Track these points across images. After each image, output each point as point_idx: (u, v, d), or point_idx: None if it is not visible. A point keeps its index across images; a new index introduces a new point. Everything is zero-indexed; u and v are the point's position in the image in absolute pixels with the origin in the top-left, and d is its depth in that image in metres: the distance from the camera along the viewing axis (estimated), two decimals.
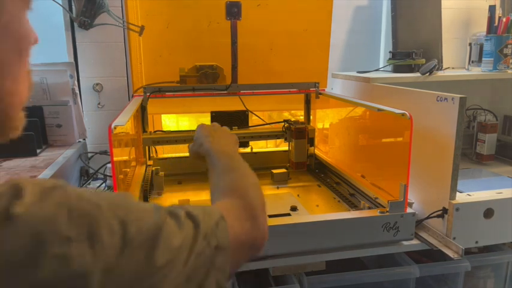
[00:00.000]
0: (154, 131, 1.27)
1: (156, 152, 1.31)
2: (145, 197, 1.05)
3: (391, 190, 0.96)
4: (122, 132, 0.91)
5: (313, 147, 1.34)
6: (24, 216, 0.27)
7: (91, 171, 1.29)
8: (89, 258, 0.29)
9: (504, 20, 1.31)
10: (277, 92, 1.30)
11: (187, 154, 0.98)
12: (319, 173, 1.28)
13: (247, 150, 1.31)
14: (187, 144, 1.42)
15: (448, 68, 1.50)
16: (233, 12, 1.18)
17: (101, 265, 0.29)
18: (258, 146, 1.41)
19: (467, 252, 0.96)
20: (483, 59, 1.36)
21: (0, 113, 0.35)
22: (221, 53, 1.23)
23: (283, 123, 1.33)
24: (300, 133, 1.30)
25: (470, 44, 1.46)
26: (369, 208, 0.97)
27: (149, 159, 1.27)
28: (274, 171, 1.23)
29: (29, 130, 1.17)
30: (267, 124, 1.36)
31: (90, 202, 0.32)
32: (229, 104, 1.27)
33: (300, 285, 0.87)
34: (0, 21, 0.33)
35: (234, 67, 1.23)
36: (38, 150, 1.24)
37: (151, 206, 0.39)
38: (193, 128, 1.43)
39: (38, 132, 1.24)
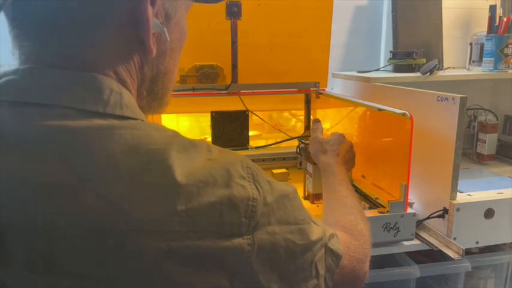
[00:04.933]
0: None
1: None
2: None
3: (392, 190, 0.95)
4: None
5: (350, 172, 0.96)
6: (216, 160, 0.39)
7: None
8: (255, 192, 0.39)
9: (505, 19, 1.31)
10: (277, 92, 1.30)
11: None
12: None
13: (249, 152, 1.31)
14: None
15: (449, 67, 1.50)
16: (233, 11, 1.18)
17: (262, 199, 0.39)
18: (258, 144, 1.40)
19: (468, 252, 0.96)
20: (484, 58, 1.36)
21: (162, 86, 0.47)
22: (221, 52, 1.22)
23: (298, 143, 1.07)
24: None
25: (471, 44, 1.46)
26: (369, 208, 0.97)
27: None
28: (275, 171, 1.22)
29: None
30: (278, 142, 1.28)
31: (251, 162, 0.43)
32: (229, 104, 1.27)
33: None
34: (175, 17, 0.45)
35: (234, 67, 1.23)
36: None
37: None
38: (194, 129, 1.44)
39: None
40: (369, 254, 0.59)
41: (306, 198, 1.05)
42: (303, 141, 1.05)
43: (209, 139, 1.27)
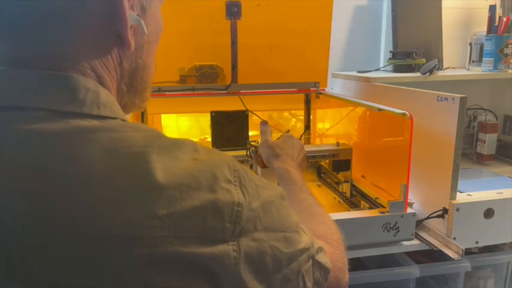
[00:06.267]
0: None
1: None
2: None
3: (392, 190, 0.96)
4: None
5: (349, 172, 1.08)
6: (202, 161, 0.38)
7: None
8: (241, 196, 0.38)
9: (504, 19, 1.31)
10: (277, 92, 1.30)
11: None
12: (320, 173, 1.27)
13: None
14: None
15: (449, 67, 1.50)
16: (233, 11, 1.18)
17: (248, 204, 0.38)
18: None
19: (468, 252, 0.96)
20: (483, 58, 1.36)
21: (142, 81, 0.47)
22: (221, 52, 1.22)
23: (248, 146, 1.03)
24: None
25: (470, 44, 1.46)
26: (369, 208, 0.97)
27: None
28: None
29: None
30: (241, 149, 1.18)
31: (240, 165, 0.41)
32: (229, 104, 1.27)
33: None
34: (150, 9, 0.44)
35: (234, 67, 1.23)
36: None
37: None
38: (194, 129, 1.44)
39: None
40: (347, 262, 0.58)
41: None
42: (252, 144, 1.03)
43: (209, 139, 1.27)
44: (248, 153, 1.03)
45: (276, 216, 0.42)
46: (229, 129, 1.26)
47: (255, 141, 1.03)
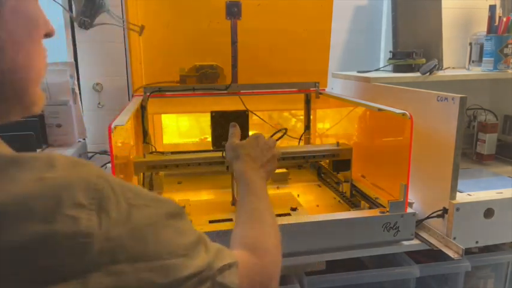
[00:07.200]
0: (151, 152, 1.14)
1: (155, 150, 1.31)
2: None
3: (392, 190, 0.96)
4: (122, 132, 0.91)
5: (349, 172, 1.08)
6: (50, 180, 0.32)
7: None
8: (94, 224, 0.32)
9: (504, 19, 1.31)
10: (277, 92, 1.30)
11: (189, 154, 0.99)
12: (320, 173, 1.27)
13: None
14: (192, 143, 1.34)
15: (449, 67, 1.50)
16: (233, 11, 1.18)
17: (103, 233, 0.33)
18: None
19: (468, 252, 0.96)
20: (483, 58, 1.36)
21: (12, 87, 0.38)
22: (221, 52, 1.22)
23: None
24: None
25: (470, 44, 1.46)
26: (369, 208, 0.97)
27: None
28: None
29: (29, 130, 1.17)
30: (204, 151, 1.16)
31: (108, 182, 0.35)
32: (229, 104, 1.27)
33: (300, 285, 0.87)
34: (9, 3, 0.37)
35: (234, 67, 1.23)
36: (38, 150, 1.24)
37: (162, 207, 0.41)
38: (194, 129, 1.44)
39: (37, 132, 1.24)
40: (276, 272, 0.53)
41: (233, 204, 1.03)
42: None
43: (209, 139, 1.27)
44: (223, 154, 1.00)
45: (151, 241, 0.37)
46: (229, 129, 1.26)
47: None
